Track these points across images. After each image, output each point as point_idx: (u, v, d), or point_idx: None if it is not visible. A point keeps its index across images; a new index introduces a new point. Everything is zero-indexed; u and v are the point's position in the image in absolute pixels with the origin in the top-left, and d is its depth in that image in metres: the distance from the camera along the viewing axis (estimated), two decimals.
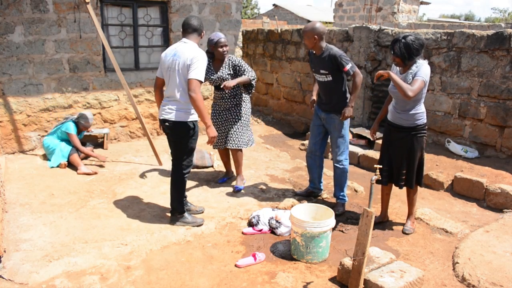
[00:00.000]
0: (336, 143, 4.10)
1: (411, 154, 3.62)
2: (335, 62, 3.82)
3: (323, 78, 3.98)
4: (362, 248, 2.73)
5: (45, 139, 5.30)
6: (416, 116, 3.54)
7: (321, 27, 3.85)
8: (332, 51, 3.85)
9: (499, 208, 4.29)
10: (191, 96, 3.39)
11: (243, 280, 3.01)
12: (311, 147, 4.34)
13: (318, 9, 33.76)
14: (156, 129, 6.60)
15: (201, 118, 3.48)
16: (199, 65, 3.41)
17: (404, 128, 3.60)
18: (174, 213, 3.77)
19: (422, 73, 3.36)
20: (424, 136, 3.64)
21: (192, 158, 3.74)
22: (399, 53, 3.40)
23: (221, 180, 4.87)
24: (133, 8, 6.09)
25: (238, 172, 4.71)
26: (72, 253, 3.26)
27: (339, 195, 4.22)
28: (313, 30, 3.82)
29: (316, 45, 3.88)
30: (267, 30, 8.67)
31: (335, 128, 4.05)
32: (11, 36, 5.24)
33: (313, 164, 4.38)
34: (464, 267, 3.14)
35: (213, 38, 4.29)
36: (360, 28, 6.58)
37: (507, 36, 4.90)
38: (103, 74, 5.97)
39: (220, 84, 4.44)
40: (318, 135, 4.26)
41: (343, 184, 4.19)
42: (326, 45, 3.91)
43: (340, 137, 4.07)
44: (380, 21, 15.34)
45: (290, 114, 8.20)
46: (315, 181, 4.44)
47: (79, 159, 5.10)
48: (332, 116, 4.03)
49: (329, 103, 4.03)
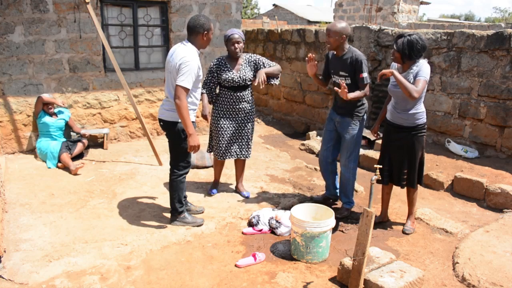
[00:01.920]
0: (347, 148, 3.95)
1: (412, 153, 3.62)
2: (356, 65, 3.70)
3: (340, 81, 3.78)
4: (362, 248, 2.73)
5: (37, 143, 5.36)
6: (416, 115, 3.54)
7: (348, 27, 3.74)
8: (356, 53, 3.73)
9: (499, 208, 4.29)
10: (176, 103, 3.29)
11: (243, 280, 3.01)
12: (322, 153, 4.18)
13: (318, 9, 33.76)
14: (156, 129, 6.60)
15: (184, 125, 3.36)
16: (187, 71, 3.28)
17: (404, 128, 3.59)
18: (173, 213, 3.77)
19: (424, 72, 3.36)
20: (424, 135, 3.64)
21: (190, 159, 3.71)
22: (400, 47, 3.39)
23: (213, 191, 4.50)
24: (133, 8, 6.09)
25: (241, 180, 4.54)
26: (72, 253, 3.26)
27: (343, 201, 4.14)
28: (342, 30, 3.67)
29: (340, 46, 3.76)
30: (267, 30, 8.67)
31: (348, 133, 3.91)
32: (11, 36, 5.24)
33: (326, 171, 4.22)
34: (464, 267, 3.14)
35: (226, 34, 4.01)
36: (360, 28, 6.58)
37: (507, 36, 4.90)
38: (103, 74, 5.97)
39: (240, 85, 4.10)
40: (330, 140, 4.10)
41: (348, 191, 4.08)
42: (349, 47, 3.80)
43: (352, 142, 3.92)
44: (380, 21, 15.34)
45: (290, 114, 8.20)
46: (330, 187, 4.29)
47: (68, 158, 5.08)
48: (347, 120, 3.89)
49: (345, 106, 3.87)
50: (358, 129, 3.90)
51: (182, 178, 3.69)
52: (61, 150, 5.12)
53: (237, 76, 4.08)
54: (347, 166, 4.00)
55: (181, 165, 3.65)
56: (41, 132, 5.35)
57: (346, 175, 4.03)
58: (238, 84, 4.11)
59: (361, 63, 3.69)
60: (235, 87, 4.12)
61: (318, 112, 7.52)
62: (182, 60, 3.31)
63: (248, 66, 4.15)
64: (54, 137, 5.34)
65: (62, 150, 5.13)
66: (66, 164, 5.02)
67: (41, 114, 5.27)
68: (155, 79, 6.38)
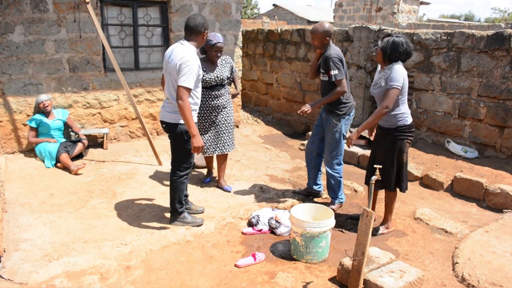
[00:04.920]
0: (328, 145, 4.09)
1: (391, 155, 3.53)
2: (327, 62, 3.84)
3: (322, 77, 4.03)
4: (362, 248, 2.74)
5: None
6: (397, 117, 3.49)
7: (331, 27, 3.89)
8: (329, 51, 3.87)
9: (499, 208, 4.29)
10: (179, 104, 3.27)
11: (243, 280, 3.01)
12: (308, 145, 4.36)
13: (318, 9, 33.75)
14: (156, 129, 6.60)
15: (187, 127, 3.36)
16: (188, 71, 3.26)
17: (386, 130, 3.58)
18: (173, 213, 3.77)
19: (394, 79, 3.32)
20: (407, 139, 3.52)
21: (191, 160, 3.72)
22: (384, 46, 3.38)
23: (206, 180, 4.82)
24: (133, 8, 6.09)
25: (223, 175, 4.69)
26: (72, 253, 3.26)
27: (331, 196, 4.24)
28: (325, 32, 3.85)
29: (324, 46, 3.91)
30: (267, 30, 8.67)
31: (330, 130, 4.04)
32: (11, 36, 5.24)
33: (310, 164, 4.38)
34: (463, 267, 3.14)
35: (211, 40, 4.13)
36: (360, 28, 6.58)
37: (507, 36, 4.90)
38: (103, 74, 5.97)
39: (216, 84, 4.31)
40: (316, 135, 4.26)
41: (335, 188, 4.17)
42: (328, 46, 3.93)
43: (333, 140, 4.04)
44: (380, 21, 15.34)
45: (290, 114, 8.20)
46: (311, 181, 4.44)
47: (68, 159, 5.07)
48: (330, 117, 4.03)
49: (329, 104, 4.02)
50: (340, 127, 4.00)
51: (183, 179, 3.68)
52: (60, 151, 5.11)
53: (214, 76, 4.29)
54: (330, 163, 4.12)
55: (183, 166, 3.65)
56: (40, 133, 5.34)
57: (330, 172, 4.14)
58: (216, 83, 4.33)
59: (329, 60, 3.80)
60: (212, 86, 4.33)
61: (318, 112, 7.51)
62: (182, 60, 3.29)
63: (228, 69, 4.42)
64: (53, 138, 5.33)
65: (61, 151, 5.11)
66: (66, 164, 5.01)
67: (37, 116, 5.26)
68: (155, 79, 6.38)
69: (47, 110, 5.29)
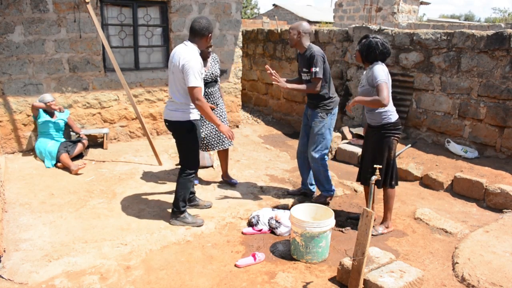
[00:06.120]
0: (313, 138, 4.13)
1: (378, 152, 3.59)
2: (310, 59, 3.90)
3: (305, 77, 4.07)
4: (362, 248, 2.74)
5: (36, 143, 5.35)
6: (381, 114, 3.54)
7: (306, 25, 3.98)
8: (313, 49, 3.92)
9: (499, 208, 4.29)
10: (196, 104, 3.39)
11: (243, 280, 3.01)
12: (299, 148, 4.39)
13: (318, 9, 33.75)
14: (156, 129, 6.60)
15: (210, 120, 3.52)
16: (192, 71, 3.31)
17: (373, 127, 3.64)
18: (175, 211, 3.77)
19: (379, 76, 3.36)
20: (393, 136, 3.57)
21: (198, 158, 3.75)
22: (360, 48, 3.50)
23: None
24: (133, 8, 6.09)
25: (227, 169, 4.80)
26: (72, 253, 3.26)
27: (320, 190, 4.32)
28: (298, 27, 3.94)
29: (298, 42, 3.97)
30: (267, 30, 8.67)
31: (315, 124, 4.10)
32: (11, 36, 5.24)
33: (303, 165, 4.41)
34: (463, 267, 3.14)
35: None
36: (360, 28, 6.58)
37: (507, 36, 4.90)
38: (103, 74, 5.97)
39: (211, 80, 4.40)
40: (304, 136, 4.31)
41: (322, 181, 4.24)
42: (309, 45, 3.99)
43: (317, 133, 4.09)
44: (380, 21, 15.33)
45: (290, 114, 8.20)
46: (305, 183, 4.47)
47: (68, 159, 5.07)
48: (315, 112, 4.09)
49: (313, 101, 4.10)
50: (325, 121, 4.06)
51: (191, 177, 3.72)
52: (60, 151, 5.11)
53: (209, 73, 4.39)
54: (313, 157, 4.14)
55: (191, 164, 3.70)
56: (40, 132, 5.35)
57: (314, 166, 4.18)
58: (211, 80, 4.41)
59: (313, 58, 3.86)
60: (207, 83, 4.39)
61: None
62: (184, 61, 3.34)
63: (216, 63, 4.50)
64: (53, 137, 5.34)
65: (61, 151, 5.12)
66: (66, 164, 5.01)
67: (40, 114, 5.27)
68: (155, 79, 6.38)
69: (53, 109, 5.31)
